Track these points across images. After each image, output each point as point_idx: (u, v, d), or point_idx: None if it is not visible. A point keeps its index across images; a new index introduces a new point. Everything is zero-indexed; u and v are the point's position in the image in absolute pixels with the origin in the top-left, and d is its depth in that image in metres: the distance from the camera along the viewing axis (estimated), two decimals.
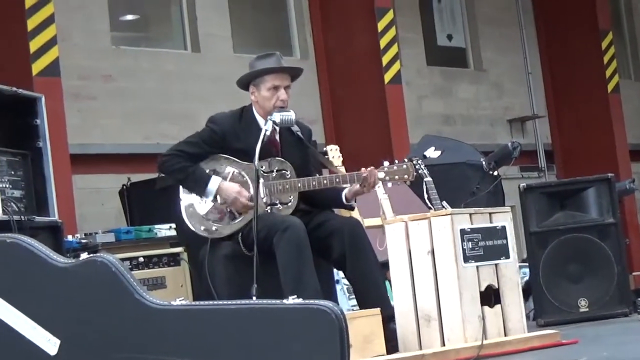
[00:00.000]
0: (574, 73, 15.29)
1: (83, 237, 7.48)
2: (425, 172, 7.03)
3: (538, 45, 15.75)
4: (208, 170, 5.60)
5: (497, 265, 5.39)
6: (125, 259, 6.78)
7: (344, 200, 5.64)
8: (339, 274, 6.57)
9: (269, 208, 5.52)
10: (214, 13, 11.88)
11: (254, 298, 4.88)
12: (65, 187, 8.56)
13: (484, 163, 8.45)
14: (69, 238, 7.18)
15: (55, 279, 3.35)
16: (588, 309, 6.99)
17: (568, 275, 7.06)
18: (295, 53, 12.80)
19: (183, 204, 5.63)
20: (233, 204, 5.54)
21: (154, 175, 8.41)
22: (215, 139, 5.62)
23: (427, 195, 7.06)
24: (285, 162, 5.61)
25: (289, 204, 5.56)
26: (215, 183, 5.56)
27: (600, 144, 14.91)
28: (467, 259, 5.24)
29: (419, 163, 6.96)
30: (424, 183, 7.04)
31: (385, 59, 12.06)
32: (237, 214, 5.56)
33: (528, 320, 6.08)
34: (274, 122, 5.50)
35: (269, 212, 5.50)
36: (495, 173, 8.37)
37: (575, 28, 15.21)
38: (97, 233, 7.57)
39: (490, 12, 15.19)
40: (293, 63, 10.21)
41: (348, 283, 6.16)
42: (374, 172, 5.48)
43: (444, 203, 7.09)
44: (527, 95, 15.43)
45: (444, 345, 5.19)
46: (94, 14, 10.76)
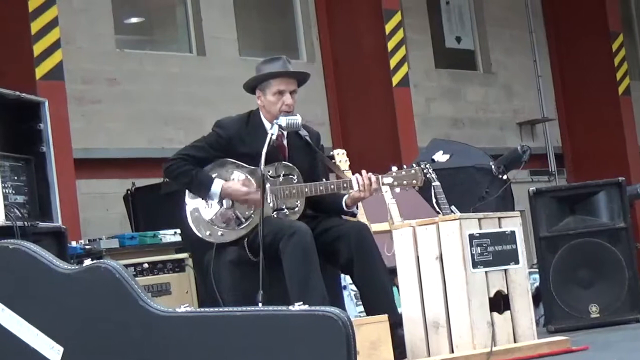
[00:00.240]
0: (584, 75, 15.21)
1: (87, 243, 7.51)
2: (434, 176, 6.99)
3: (548, 47, 15.68)
4: (213, 175, 5.55)
5: (506, 271, 5.34)
6: (130, 265, 6.79)
7: (344, 207, 5.58)
8: (347, 280, 6.53)
9: (276, 213, 5.47)
10: (220, 15, 11.81)
11: (260, 304, 4.85)
12: (69, 192, 8.52)
13: (493, 167, 8.38)
14: (73, 244, 7.19)
15: (59, 286, 3.33)
16: (599, 315, 6.94)
17: (578, 281, 7.01)
18: (302, 56, 12.75)
19: (188, 209, 5.60)
20: (243, 199, 5.47)
21: (159, 180, 8.37)
22: (221, 144, 5.59)
23: (435, 200, 7.02)
24: (292, 166, 5.57)
25: (296, 209, 5.53)
26: (218, 185, 5.53)
27: (611, 147, 14.82)
28: (475, 265, 5.19)
29: (427, 167, 6.93)
30: (432, 187, 7.00)
31: (393, 62, 12.02)
32: (243, 219, 5.51)
33: (538, 327, 6.04)
34: (280, 126, 5.47)
35: (276, 217, 5.45)
36: (505, 177, 8.31)
37: (586, 30, 15.14)
38: (101, 239, 7.59)
39: (499, 13, 15.11)
40: (300, 66, 10.15)
41: (355, 289, 6.11)
42: (366, 175, 5.41)
43: (453, 208, 7.05)
44: (536, 98, 15.34)
45: (453, 352, 5.15)
46: (98, 17, 10.71)
